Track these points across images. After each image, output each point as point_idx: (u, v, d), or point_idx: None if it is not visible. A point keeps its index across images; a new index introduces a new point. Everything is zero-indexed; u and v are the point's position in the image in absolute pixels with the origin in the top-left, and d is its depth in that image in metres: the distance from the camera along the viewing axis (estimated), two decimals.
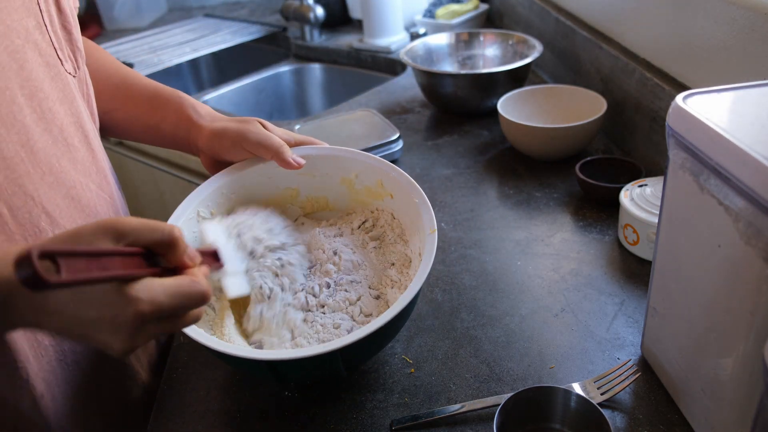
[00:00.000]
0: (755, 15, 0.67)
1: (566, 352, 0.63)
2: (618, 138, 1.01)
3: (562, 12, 1.23)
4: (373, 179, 0.68)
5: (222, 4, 2.18)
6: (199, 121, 0.68)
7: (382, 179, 0.67)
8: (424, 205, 0.61)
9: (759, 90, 0.47)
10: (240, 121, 0.66)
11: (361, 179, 0.69)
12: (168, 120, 0.69)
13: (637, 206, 0.74)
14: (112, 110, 0.71)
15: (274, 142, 0.64)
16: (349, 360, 0.55)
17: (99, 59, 0.73)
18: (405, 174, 0.65)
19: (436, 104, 1.22)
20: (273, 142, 0.64)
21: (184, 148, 0.71)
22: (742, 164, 0.39)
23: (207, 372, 0.65)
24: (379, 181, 0.68)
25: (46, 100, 0.53)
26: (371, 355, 0.62)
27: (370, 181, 0.68)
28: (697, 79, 0.80)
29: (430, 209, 0.61)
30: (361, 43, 1.64)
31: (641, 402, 0.57)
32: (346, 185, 0.70)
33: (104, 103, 0.70)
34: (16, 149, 0.50)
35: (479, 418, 0.56)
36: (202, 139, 0.67)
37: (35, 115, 0.52)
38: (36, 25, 0.53)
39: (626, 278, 0.72)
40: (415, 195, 0.63)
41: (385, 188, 0.67)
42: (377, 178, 0.68)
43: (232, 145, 0.66)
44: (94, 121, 0.65)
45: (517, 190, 0.92)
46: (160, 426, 0.59)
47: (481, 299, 0.71)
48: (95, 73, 0.68)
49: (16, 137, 0.50)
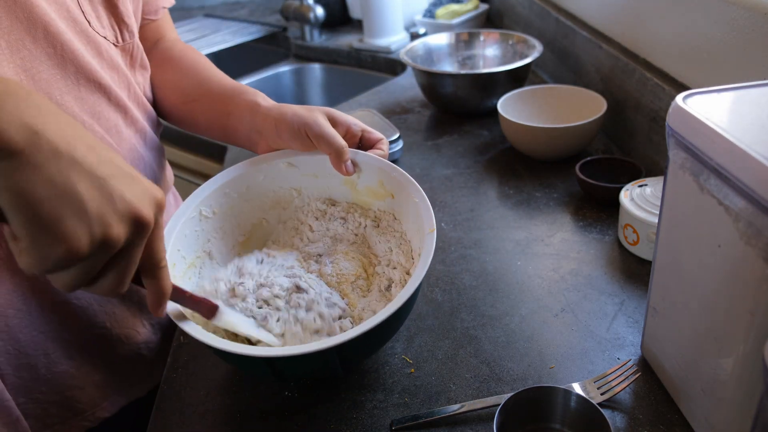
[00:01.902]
0: (755, 15, 0.67)
1: (566, 352, 0.63)
2: (618, 138, 1.01)
3: (562, 12, 1.23)
4: (374, 179, 0.68)
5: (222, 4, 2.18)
6: (266, 105, 0.68)
7: (382, 179, 0.67)
8: (423, 204, 0.61)
9: (759, 90, 0.47)
10: (308, 110, 0.66)
11: (363, 179, 0.69)
12: (235, 113, 0.70)
13: (637, 206, 0.74)
14: (192, 100, 0.73)
15: (336, 141, 0.64)
16: (346, 358, 0.55)
17: (186, 54, 0.77)
18: (405, 173, 0.65)
19: (436, 104, 1.22)
20: (336, 141, 0.64)
21: (243, 138, 0.71)
22: (742, 164, 0.39)
23: (207, 372, 0.65)
24: (380, 181, 0.68)
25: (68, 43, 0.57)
26: (369, 354, 0.62)
27: (372, 181, 0.68)
28: (697, 79, 0.80)
29: (429, 208, 0.61)
30: (361, 43, 1.64)
31: (641, 402, 0.57)
32: (349, 186, 0.70)
33: (184, 94, 0.74)
34: (17, 71, 0.53)
35: (479, 418, 0.56)
36: (269, 122, 0.67)
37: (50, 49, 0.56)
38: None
39: (626, 278, 0.72)
40: (415, 194, 0.63)
41: (386, 188, 0.67)
42: (378, 178, 0.68)
43: (296, 131, 0.65)
44: (146, 95, 0.71)
45: (517, 190, 0.92)
46: (160, 426, 0.59)
47: (481, 299, 0.71)
48: (179, 63, 0.75)
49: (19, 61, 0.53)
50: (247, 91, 0.70)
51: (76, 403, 0.64)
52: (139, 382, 0.71)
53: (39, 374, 0.61)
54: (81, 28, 0.59)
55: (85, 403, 0.65)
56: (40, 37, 0.54)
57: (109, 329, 0.66)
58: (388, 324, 0.52)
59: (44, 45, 0.55)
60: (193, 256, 0.63)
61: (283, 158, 0.68)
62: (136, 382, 0.71)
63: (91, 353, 0.65)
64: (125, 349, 0.69)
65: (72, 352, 0.63)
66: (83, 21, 0.59)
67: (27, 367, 0.60)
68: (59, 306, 0.61)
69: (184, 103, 0.74)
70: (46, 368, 0.61)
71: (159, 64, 0.75)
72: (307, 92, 1.77)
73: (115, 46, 0.64)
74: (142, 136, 0.68)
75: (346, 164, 0.65)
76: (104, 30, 0.62)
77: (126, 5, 0.65)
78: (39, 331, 0.60)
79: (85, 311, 0.63)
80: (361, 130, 0.68)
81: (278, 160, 0.68)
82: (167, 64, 0.76)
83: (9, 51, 0.53)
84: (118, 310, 0.67)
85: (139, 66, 0.70)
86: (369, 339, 0.54)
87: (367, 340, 0.55)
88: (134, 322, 0.69)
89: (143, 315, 0.71)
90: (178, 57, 0.76)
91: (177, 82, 0.74)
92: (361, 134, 0.68)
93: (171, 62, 0.76)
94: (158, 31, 0.79)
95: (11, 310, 0.57)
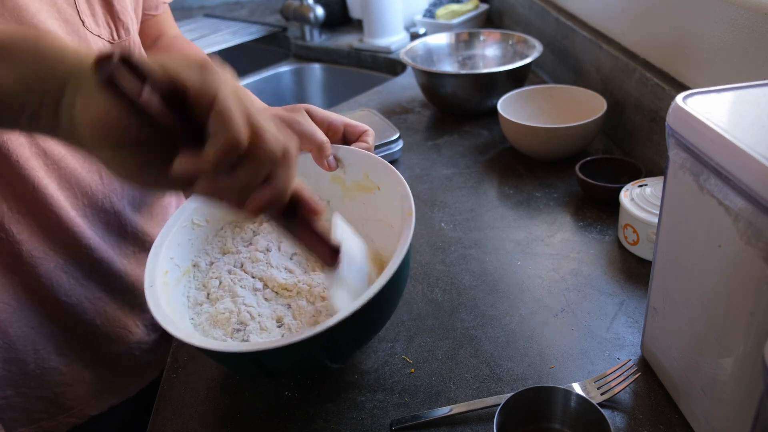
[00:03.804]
0: (755, 15, 0.67)
1: (566, 352, 0.63)
2: (618, 138, 1.01)
3: (562, 12, 1.23)
4: (359, 172, 0.68)
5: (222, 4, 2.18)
6: None
7: (367, 171, 0.67)
8: (404, 191, 0.61)
9: (759, 90, 0.47)
10: (288, 110, 0.66)
11: (350, 174, 0.69)
12: None
13: (637, 206, 0.74)
14: None
15: (318, 136, 0.64)
16: (334, 349, 0.54)
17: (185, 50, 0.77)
18: (385, 162, 0.65)
19: (436, 104, 1.22)
20: (317, 136, 0.64)
21: None
22: (742, 164, 0.39)
23: (207, 372, 0.65)
24: (365, 174, 0.67)
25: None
26: (357, 345, 0.61)
27: (358, 174, 0.68)
28: (697, 79, 0.80)
29: (409, 194, 0.60)
30: (361, 43, 1.64)
31: (641, 402, 0.57)
32: (338, 183, 0.71)
33: None
34: None
35: (479, 418, 0.56)
36: None
37: None
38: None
39: (626, 278, 0.72)
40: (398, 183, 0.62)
41: (372, 180, 0.67)
42: (363, 170, 0.67)
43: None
44: None
45: (517, 190, 0.92)
46: (160, 426, 0.59)
47: (481, 299, 0.71)
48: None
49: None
50: None
51: (64, 400, 0.64)
52: (130, 382, 0.71)
53: (28, 369, 0.61)
54: (73, 28, 0.58)
55: (73, 399, 0.65)
56: None
57: (100, 327, 0.66)
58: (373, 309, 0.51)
59: None
60: (187, 264, 0.63)
61: None
62: (127, 382, 0.71)
63: (82, 351, 0.65)
64: (116, 348, 0.68)
65: (62, 349, 0.63)
66: (77, 21, 0.59)
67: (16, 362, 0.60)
68: (50, 302, 0.61)
69: None
70: (35, 363, 0.61)
71: None
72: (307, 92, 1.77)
73: (110, 44, 0.64)
74: None
75: (329, 159, 0.65)
76: (99, 28, 0.62)
77: (122, 2, 0.64)
78: (29, 327, 0.60)
79: (75, 308, 0.63)
80: (344, 124, 0.68)
81: None
82: None
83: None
84: (109, 309, 0.67)
85: None
86: (351, 327, 0.52)
87: (350, 329, 0.53)
88: (126, 322, 0.69)
89: (136, 315, 0.71)
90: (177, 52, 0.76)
91: None
92: (344, 128, 0.68)
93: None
94: (158, 27, 0.79)
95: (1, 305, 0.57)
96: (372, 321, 0.57)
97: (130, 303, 0.70)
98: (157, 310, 0.53)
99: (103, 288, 0.66)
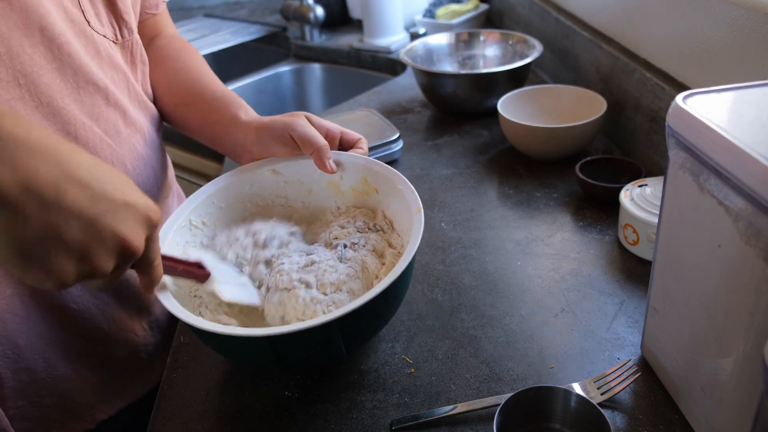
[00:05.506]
0: (755, 15, 0.67)
1: (566, 352, 0.63)
2: (618, 138, 1.01)
3: (562, 12, 1.23)
4: (357, 177, 0.69)
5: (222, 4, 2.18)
6: (246, 119, 0.69)
7: (365, 175, 0.68)
8: (407, 188, 0.63)
9: (759, 90, 0.47)
10: (288, 115, 0.68)
11: (346, 180, 0.70)
12: (220, 123, 0.71)
13: (637, 206, 0.74)
14: (182, 104, 0.74)
15: (318, 140, 0.66)
16: (348, 335, 0.55)
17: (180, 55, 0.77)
18: (385, 165, 0.67)
19: (436, 104, 1.22)
20: (318, 140, 0.66)
21: (228, 149, 0.72)
22: (742, 164, 0.39)
23: (207, 372, 0.65)
24: (363, 178, 0.68)
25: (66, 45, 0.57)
26: (370, 334, 0.62)
27: (355, 179, 0.69)
28: (697, 79, 0.80)
29: (414, 191, 0.62)
30: (361, 43, 1.64)
31: (641, 402, 0.57)
32: (333, 188, 0.71)
33: (176, 97, 0.74)
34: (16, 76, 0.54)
35: (479, 418, 0.56)
36: (250, 132, 0.68)
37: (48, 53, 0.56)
38: None
39: (626, 278, 0.72)
40: (398, 182, 0.64)
41: (370, 184, 0.68)
42: (361, 175, 0.68)
43: (279, 136, 0.67)
44: (146, 92, 0.71)
45: (517, 190, 0.92)
46: (160, 426, 0.59)
47: (481, 299, 0.71)
48: (173, 64, 0.75)
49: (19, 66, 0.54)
50: (231, 103, 0.71)
51: (74, 406, 0.64)
52: (137, 384, 0.71)
53: (38, 378, 0.61)
54: (80, 28, 0.59)
55: (83, 405, 0.65)
56: (38, 42, 0.54)
57: (108, 332, 0.66)
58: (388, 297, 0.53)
59: (42, 49, 0.55)
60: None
61: (266, 166, 0.70)
62: (134, 384, 0.71)
63: (90, 356, 0.65)
64: (124, 351, 0.69)
65: (71, 356, 0.63)
66: (82, 21, 0.59)
67: (26, 371, 0.60)
68: (58, 310, 0.61)
69: (176, 105, 0.74)
70: (45, 372, 0.61)
71: (153, 63, 0.75)
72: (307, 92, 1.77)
73: (114, 44, 0.64)
74: (142, 135, 0.68)
75: (329, 162, 0.66)
76: (103, 28, 0.62)
77: (125, 2, 0.65)
78: (38, 336, 0.60)
79: (83, 315, 0.63)
80: (340, 131, 0.70)
81: (262, 168, 0.70)
82: (161, 63, 0.75)
83: (8, 57, 0.53)
84: (116, 314, 0.67)
85: (140, 62, 0.70)
86: (368, 314, 0.54)
87: (368, 314, 0.55)
88: (133, 325, 0.69)
89: (142, 318, 0.71)
90: (172, 57, 0.76)
91: (169, 84, 0.74)
92: (341, 135, 0.70)
93: (165, 62, 0.76)
94: (156, 26, 0.79)
95: (10, 315, 0.57)
96: (388, 308, 0.59)
97: (136, 306, 0.70)
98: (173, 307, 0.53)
99: (110, 293, 0.66)
